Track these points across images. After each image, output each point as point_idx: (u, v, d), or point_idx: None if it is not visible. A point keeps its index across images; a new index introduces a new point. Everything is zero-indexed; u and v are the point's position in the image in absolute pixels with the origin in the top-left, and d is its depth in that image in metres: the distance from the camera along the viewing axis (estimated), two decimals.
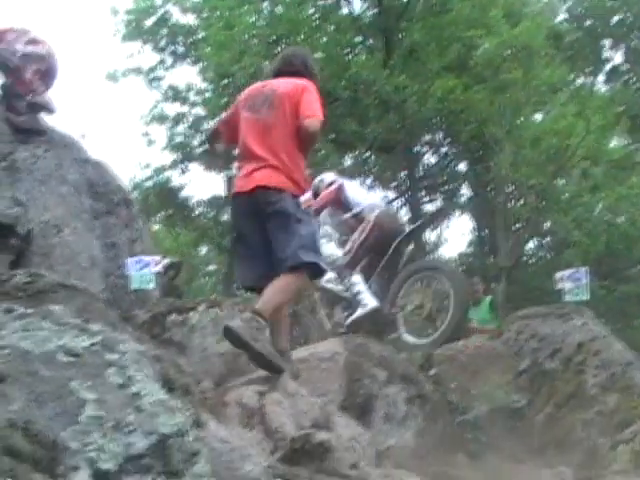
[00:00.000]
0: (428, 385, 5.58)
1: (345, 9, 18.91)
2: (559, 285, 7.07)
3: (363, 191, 8.33)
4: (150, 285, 7.00)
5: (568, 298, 6.91)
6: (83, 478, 1.76)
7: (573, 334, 5.77)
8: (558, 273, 7.28)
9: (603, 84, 21.84)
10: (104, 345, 2.19)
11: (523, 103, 15.58)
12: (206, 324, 4.92)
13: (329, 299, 7.50)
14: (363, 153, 19.13)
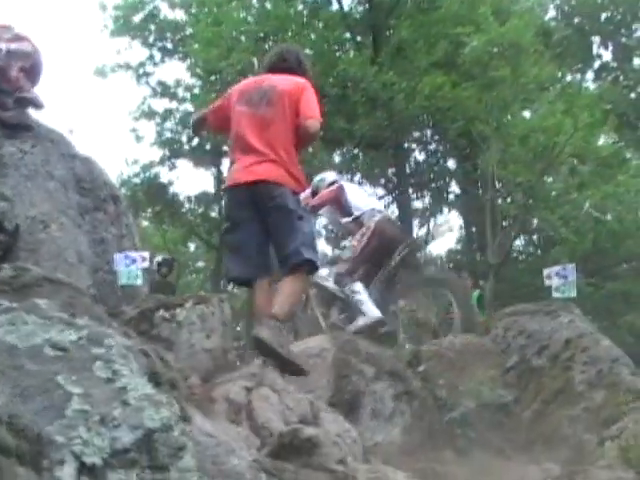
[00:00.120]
0: (416, 381, 5.59)
1: (335, 5, 18.95)
2: (548, 281, 7.11)
3: (364, 195, 8.22)
4: (138, 281, 7.01)
5: (556, 295, 6.94)
6: (68, 472, 1.75)
7: (560, 331, 5.77)
8: (546, 269, 7.33)
9: (592, 82, 21.95)
10: (90, 339, 2.19)
11: (511, 100, 15.63)
12: (194, 320, 4.91)
13: (324, 297, 7.47)
14: (351, 150, 19.17)
